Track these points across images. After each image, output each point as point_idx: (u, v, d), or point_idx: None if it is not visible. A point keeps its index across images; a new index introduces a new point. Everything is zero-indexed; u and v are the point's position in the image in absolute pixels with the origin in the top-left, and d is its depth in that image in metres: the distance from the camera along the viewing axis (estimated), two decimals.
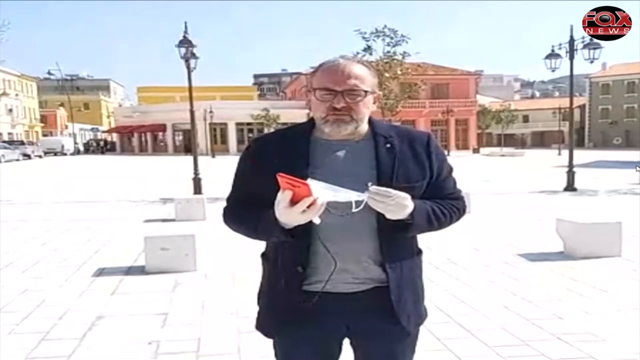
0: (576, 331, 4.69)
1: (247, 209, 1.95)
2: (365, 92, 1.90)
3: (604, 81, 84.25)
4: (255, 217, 1.90)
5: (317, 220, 1.76)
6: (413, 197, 1.87)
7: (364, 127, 1.99)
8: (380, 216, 1.86)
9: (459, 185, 2.17)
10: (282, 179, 1.68)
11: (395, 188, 1.80)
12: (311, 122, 2.01)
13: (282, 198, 1.72)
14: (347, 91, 1.87)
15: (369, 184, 1.79)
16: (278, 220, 1.79)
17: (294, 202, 1.70)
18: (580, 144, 75.04)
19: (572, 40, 16.84)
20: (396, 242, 1.96)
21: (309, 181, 1.69)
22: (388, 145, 1.97)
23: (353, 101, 1.88)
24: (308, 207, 1.69)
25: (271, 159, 1.91)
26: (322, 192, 1.70)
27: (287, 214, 1.74)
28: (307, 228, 1.83)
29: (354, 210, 1.76)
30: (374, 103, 2.00)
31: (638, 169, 19.59)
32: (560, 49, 17.57)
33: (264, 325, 2.11)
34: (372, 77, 1.96)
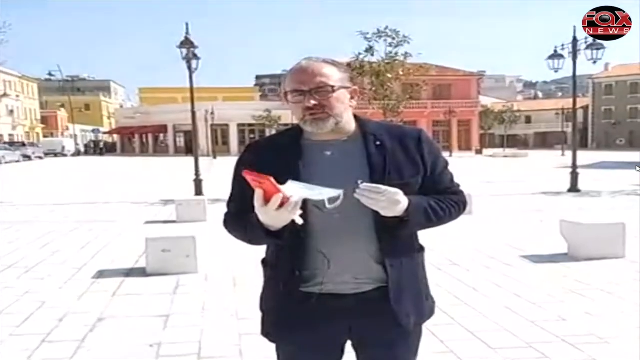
0: (580, 333, 4.67)
1: (244, 216, 1.93)
2: (333, 87, 1.90)
3: (607, 82, 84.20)
4: (247, 223, 1.89)
5: (299, 220, 1.76)
6: (408, 194, 1.86)
7: (350, 125, 2.00)
8: (377, 214, 1.85)
9: (461, 185, 2.15)
10: (247, 176, 1.70)
11: (388, 185, 1.80)
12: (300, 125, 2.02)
13: (256, 197, 1.73)
14: (314, 89, 1.89)
15: (359, 181, 1.80)
16: (262, 223, 1.80)
17: (267, 200, 1.71)
18: (584, 144, 74.88)
19: (575, 41, 16.81)
20: (396, 240, 1.94)
21: (289, 183, 1.70)
22: (378, 143, 1.96)
23: (323, 98, 1.89)
24: (282, 205, 1.69)
25: (264, 164, 1.90)
26: (297, 190, 1.71)
27: (265, 214, 1.74)
28: (303, 230, 1.84)
29: (327, 206, 1.77)
30: (353, 98, 1.99)
31: (638, 169, 19.56)
32: (563, 49, 17.57)
33: (268, 330, 2.10)
34: (340, 72, 1.96)
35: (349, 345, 2.10)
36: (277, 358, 2.15)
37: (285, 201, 1.69)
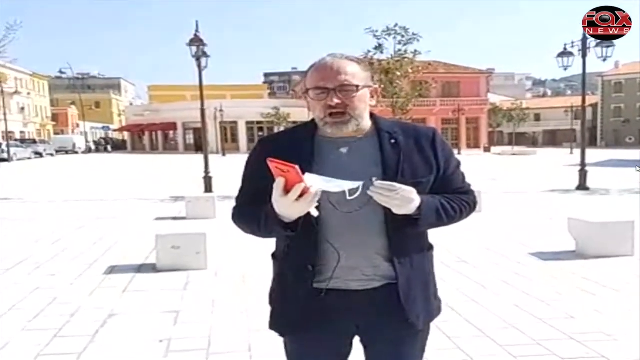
0: (588, 330, 4.67)
1: (254, 208, 1.95)
2: (357, 86, 1.90)
3: (616, 80, 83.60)
4: (260, 214, 1.89)
5: (314, 212, 1.77)
6: (420, 193, 1.86)
7: (367, 123, 1.99)
8: (388, 212, 1.85)
9: (468, 181, 2.16)
10: (271, 163, 1.70)
11: (401, 184, 1.80)
12: (315, 121, 2.01)
13: (276, 186, 1.73)
14: (339, 87, 1.87)
15: (374, 178, 1.80)
16: (277, 214, 1.79)
17: (287, 190, 1.71)
18: (593, 143, 74.52)
19: (584, 39, 16.72)
20: (405, 238, 1.95)
21: (307, 175, 1.70)
22: (393, 141, 1.96)
23: (347, 97, 1.88)
24: (301, 195, 1.69)
25: (277, 159, 1.91)
26: (316, 181, 1.71)
27: (282, 203, 1.74)
28: (314, 226, 1.85)
29: (348, 198, 1.77)
30: (372, 97, 1.99)
31: (638, 169, 19.40)
32: (572, 47, 17.49)
33: (277, 324, 2.10)
34: (363, 71, 1.95)
35: (357, 341, 2.11)
36: (286, 353, 2.16)
37: (306, 191, 1.69)
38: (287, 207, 1.74)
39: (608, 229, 7.47)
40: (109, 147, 72.15)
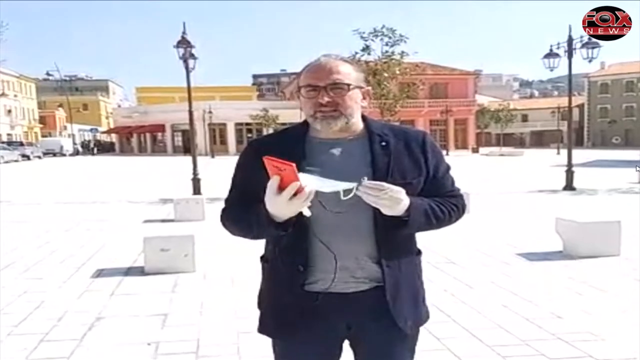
0: (575, 330, 4.70)
1: (244, 209, 1.94)
2: (348, 85, 1.91)
3: (602, 80, 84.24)
4: (250, 215, 1.89)
5: (307, 212, 1.76)
6: (409, 194, 1.86)
7: (358, 124, 2.00)
8: (377, 213, 1.85)
9: (457, 184, 2.16)
10: (268, 161, 1.69)
11: (390, 184, 1.80)
12: (306, 122, 2.02)
13: (271, 184, 1.72)
14: (329, 85, 1.89)
15: (364, 178, 1.79)
16: (270, 213, 1.78)
17: (282, 188, 1.70)
18: (579, 143, 75.12)
19: (570, 40, 16.84)
20: (394, 241, 1.95)
21: (300, 174, 1.69)
22: (383, 144, 1.96)
23: (337, 95, 1.89)
24: (295, 194, 1.69)
25: None
26: (310, 181, 1.71)
27: (276, 202, 1.73)
28: (304, 226, 1.84)
29: (342, 198, 1.76)
30: (364, 99, 2.00)
31: (638, 169, 19.59)
32: (558, 48, 17.59)
33: (266, 327, 2.10)
34: (356, 71, 1.96)
35: (346, 343, 2.11)
36: (275, 356, 2.15)
37: (300, 190, 1.68)
38: (280, 206, 1.74)
39: (595, 229, 7.52)
40: (95, 150, 71.40)
